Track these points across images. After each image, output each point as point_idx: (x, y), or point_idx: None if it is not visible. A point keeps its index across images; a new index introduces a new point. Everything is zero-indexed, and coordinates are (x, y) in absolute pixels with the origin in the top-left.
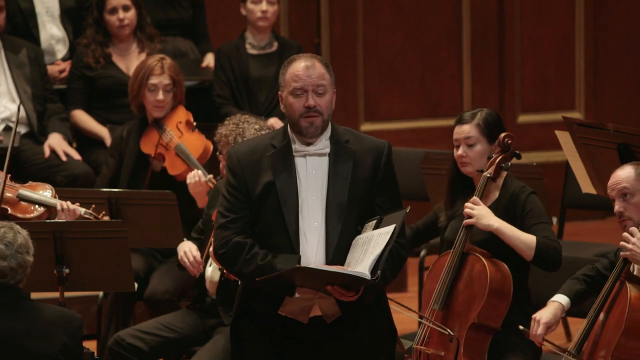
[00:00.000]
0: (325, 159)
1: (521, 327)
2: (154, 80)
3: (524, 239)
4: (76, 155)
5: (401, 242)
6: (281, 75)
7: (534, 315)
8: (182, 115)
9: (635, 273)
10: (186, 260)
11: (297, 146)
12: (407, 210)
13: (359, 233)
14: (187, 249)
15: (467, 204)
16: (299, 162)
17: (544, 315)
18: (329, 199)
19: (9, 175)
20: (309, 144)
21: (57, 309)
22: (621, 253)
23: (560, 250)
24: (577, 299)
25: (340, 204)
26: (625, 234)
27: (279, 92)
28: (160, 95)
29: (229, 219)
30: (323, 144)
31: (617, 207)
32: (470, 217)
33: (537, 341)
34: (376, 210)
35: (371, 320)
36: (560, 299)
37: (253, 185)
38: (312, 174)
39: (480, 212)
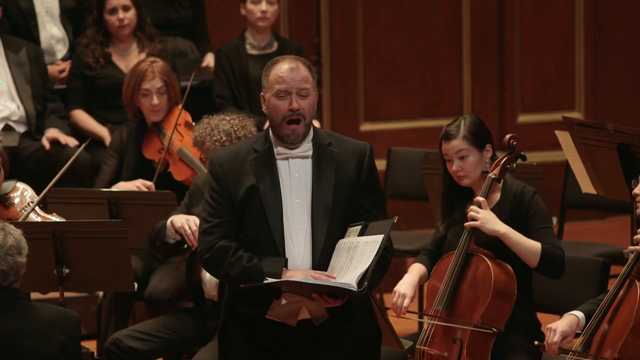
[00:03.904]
0: (309, 162)
1: (537, 343)
2: (146, 85)
3: (529, 246)
4: (74, 143)
5: (386, 245)
6: (264, 76)
7: (549, 325)
8: (179, 116)
9: None
10: (187, 228)
11: (279, 149)
12: (395, 221)
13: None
14: (191, 218)
15: (472, 207)
16: (281, 165)
17: (560, 324)
18: (314, 201)
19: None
20: (291, 148)
21: (54, 309)
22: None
23: (564, 257)
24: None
25: (325, 206)
26: None
27: (262, 93)
28: (155, 100)
29: (213, 223)
30: (305, 146)
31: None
32: (474, 219)
33: (551, 350)
34: (361, 212)
35: (357, 322)
36: (576, 313)
37: (236, 190)
38: (295, 176)
39: (485, 216)
